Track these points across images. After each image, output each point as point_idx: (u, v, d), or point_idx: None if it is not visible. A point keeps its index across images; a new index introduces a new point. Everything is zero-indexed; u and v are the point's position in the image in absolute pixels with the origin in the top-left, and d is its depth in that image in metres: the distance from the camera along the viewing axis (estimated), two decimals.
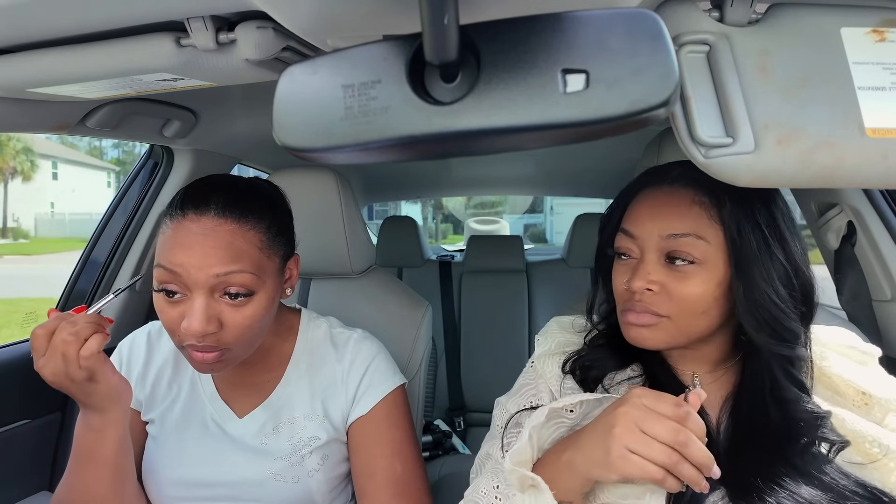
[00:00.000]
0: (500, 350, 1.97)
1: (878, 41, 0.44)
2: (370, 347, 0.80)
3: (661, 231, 0.59)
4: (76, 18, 0.45)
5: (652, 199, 0.61)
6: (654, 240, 0.59)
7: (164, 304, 0.65)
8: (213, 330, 0.63)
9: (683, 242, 0.58)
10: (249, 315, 0.66)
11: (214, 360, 0.65)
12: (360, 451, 0.75)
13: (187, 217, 0.64)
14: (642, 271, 0.59)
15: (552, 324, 0.74)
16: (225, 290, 0.64)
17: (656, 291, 0.58)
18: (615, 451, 0.48)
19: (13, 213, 24.08)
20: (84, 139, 25.61)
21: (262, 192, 0.71)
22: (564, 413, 0.61)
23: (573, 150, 1.68)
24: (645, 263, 0.59)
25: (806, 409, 0.57)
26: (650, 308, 0.59)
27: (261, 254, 0.67)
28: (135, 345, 0.81)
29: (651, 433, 0.47)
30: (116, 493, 0.68)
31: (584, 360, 0.66)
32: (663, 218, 0.59)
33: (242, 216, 0.65)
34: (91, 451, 0.66)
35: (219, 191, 0.66)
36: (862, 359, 0.63)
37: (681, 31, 0.44)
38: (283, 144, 0.29)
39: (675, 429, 0.47)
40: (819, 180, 0.43)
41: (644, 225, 0.60)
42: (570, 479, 0.53)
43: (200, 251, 0.63)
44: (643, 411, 0.48)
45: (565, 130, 0.27)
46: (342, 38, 0.43)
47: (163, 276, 0.64)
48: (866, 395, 0.59)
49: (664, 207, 0.60)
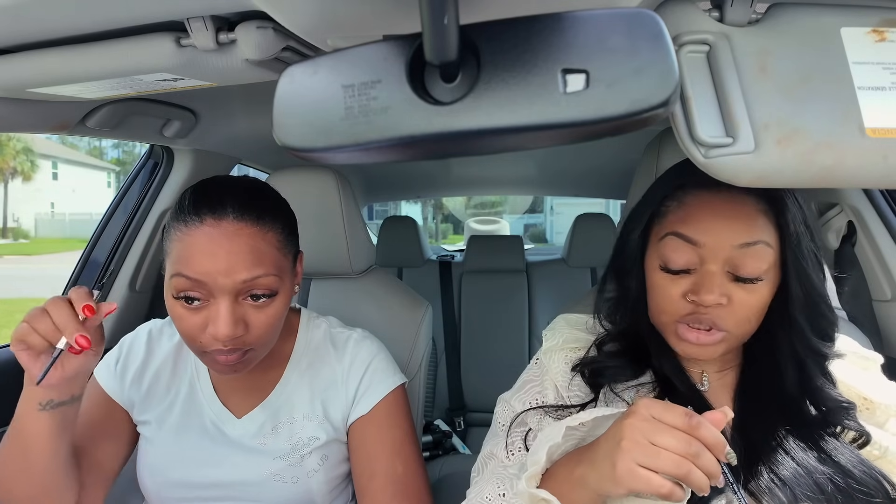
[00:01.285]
0: (500, 350, 1.97)
1: (878, 41, 0.44)
2: (370, 347, 0.80)
3: (734, 240, 0.55)
4: (76, 18, 0.45)
5: (715, 205, 0.56)
6: (724, 249, 0.55)
7: (183, 311, 0.64)
8: (241, 333, 0.63)
9: (755, 251, 0.55)
10: (273, 314, 0.66)
11: (238, 361, 0.65)
12: (360, 451, 0.75)
13: (205, 222, 0.63)
14: (711, 283, 0.55)
15: (559, 320, 0.73)
16: (250, 292, 0.64)
17: (725, 304, 0.55)
18: (622, 465, 0.46)
19: (13, 214, 24.09)
20: (84, 139, 25.63)
21: (269, 191, 0.72)
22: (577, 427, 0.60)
23: (573, 150, 1.68)
24: (712, 275, 0.56)
25: (834, 398, 0.58)
26: (717, 322, 0.56)
27: (279, 254, 0.67)
28: (136, 342, 0.81)
29: (661, 444, 0.46)
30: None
31: (597, 366, 0.65)
32: (735, 225, 0.55)
33: (260, 218, 0.65)
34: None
35: (232, 193, 0.65)
36: (864, 365, 0.64)
37: (681, 31, 0.44)
38: (283, 144, 0.29)
39: (687, 439, 0.45)
40: (819, 180, 0.43)
41: (714, 233, 0.56)
42: (582, 496, 0.52)
43: (226, 257, 0.62)
44: (651, 423, 0.47)
45: (565, 130, 0.27)
46: (342, 38, 0.43)
47: (184, 285, 0.62)
48: (868, 401, 0.60)
49: (733, 213, 0.56)
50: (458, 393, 1.98)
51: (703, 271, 0.56)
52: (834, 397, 0.58)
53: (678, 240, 0.57)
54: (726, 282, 0.56)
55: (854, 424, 0.57)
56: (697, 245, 0.56)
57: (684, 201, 0.59)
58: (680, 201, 0.59)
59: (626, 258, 0.64)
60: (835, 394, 0.58)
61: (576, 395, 0.64)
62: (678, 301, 0.58)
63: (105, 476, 0.75)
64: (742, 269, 0.55)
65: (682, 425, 0.46)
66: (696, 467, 0.45)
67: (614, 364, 0.64)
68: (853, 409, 0.57)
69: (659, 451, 0.45)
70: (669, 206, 0.60)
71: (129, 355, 0.79)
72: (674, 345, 0.60)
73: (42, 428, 0.63)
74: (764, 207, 0.56)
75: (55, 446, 0.64)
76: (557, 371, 0.66)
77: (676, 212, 0.59)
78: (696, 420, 0.46)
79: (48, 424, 0.63)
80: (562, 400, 0.65)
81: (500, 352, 1.97)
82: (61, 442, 0.65)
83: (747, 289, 0.56)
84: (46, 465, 0.65)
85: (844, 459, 0.54)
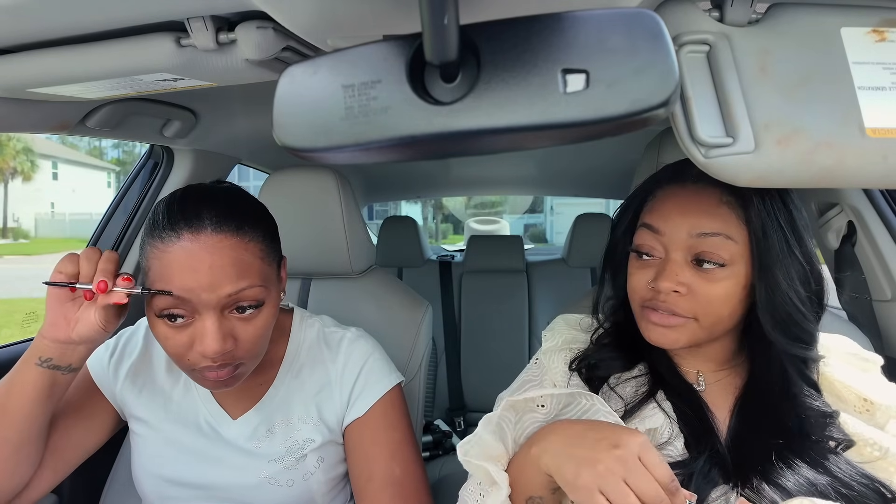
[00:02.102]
0: (500, 350, 1.97)
1: (878, 41, 0.44)
2: (364, 347, 0.79)
3: (691, 229, 0.57)
4: (76, 18, 0.45)
5: (679, 197, 0.60)
6: (682, 238, 0.58)
7: (167, 330, 0.62)
8: (230, 347, 0.62)
9: (712, 242, 0.56)
10: (261, 325, 0.65)
11: (229, 376, 0.64)
12: (357, 453, 0.75)
13: (182, 237, 0.60)
14: (669, 271, 0.58)
15: (559, 320, 0.73)
16: (235, 305, 0.63)
17: (683, 293, 0.57)
18: (585, 482, 0.47)
19: (13, 214, 24.09)
20: (84, 139, 25.63)
21: (247, 199, 0.69)
22: (537, 409, 0.61)
23: (574, 150, 1.68)
24: (672, 263, 0.58)
25: (814, 407, 0.57)
26: (675, 309, 0.58)
27: (262, 263, 0.65)
28: (134, 337, 0.80)
29: (634, 487, 0.46)
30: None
31: (590, 359, 0.66)
32: (693, 215, 0.58)
33: (239, 228, 0.62)
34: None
35: (207, 203, 0.62)
36: (864, 366, 0.63)
37: (681, 31, 0.44)
38: (283, 144, 0.29)
39: (660, 496, 0.45)
40: (819, 180, 0.43)
41: (673, 222, 0.59)
42: (536, 475, 0.53)
43: (208, 272, 0.59)
44: (636, 465, 0.47)
45: (565, 130, 0.27)
46: (342, 38, 0.43)
47: (166, 303, 0.60)
48: (868, 402, 0.59)
49: (693, 205, 0.58)
50: (458, 393, 1.98)
51: (665, 259, 0.59)
52: (813, 406, 0.57)
53: (645, 229, 0.61)
54: (686, 271, 0.58)
55: (836, 434, 0.56)
56: (659, 233, 0.59)
57: (656, 195, 0.62)
58: (653, 195, 0.63)
59: (614, 253, 0.67)
60: (816, 402, 0.58)
61: None
62: (644, 287, 0.60)
63: (62, 463, 0.72)
64: (701, 257, 0.57)
65: (663, 479, 0.46)
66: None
67: (605, 355, 0.66)
68: (835, 416, 0.57)
69: (628, 493, 0.45)
70: (648, 202, 0.64)
71: (126, 350, 0.79)
72: (643, 330, 0.61)
73: (30, 380, 0.63)
74: (728, 199, 0.57)
75: (34, 409, 0.64)
76: (557, 371, 0.66)
77: (649, 204, 0.63)
78: (675, 485, 0.47)
79: (38, 381, 0.63)
80: None
81: (500, 352, 1.97)
82: (41, 408, 0.64)
83: (707, 277, 0.57)
84: (19, 425, 0.64)
85: (843, 473, 0.53)
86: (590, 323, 0.72)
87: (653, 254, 0.60)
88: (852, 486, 0.52)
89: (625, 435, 0.49)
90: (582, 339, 0.70)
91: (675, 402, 0.61)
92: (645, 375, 0.65)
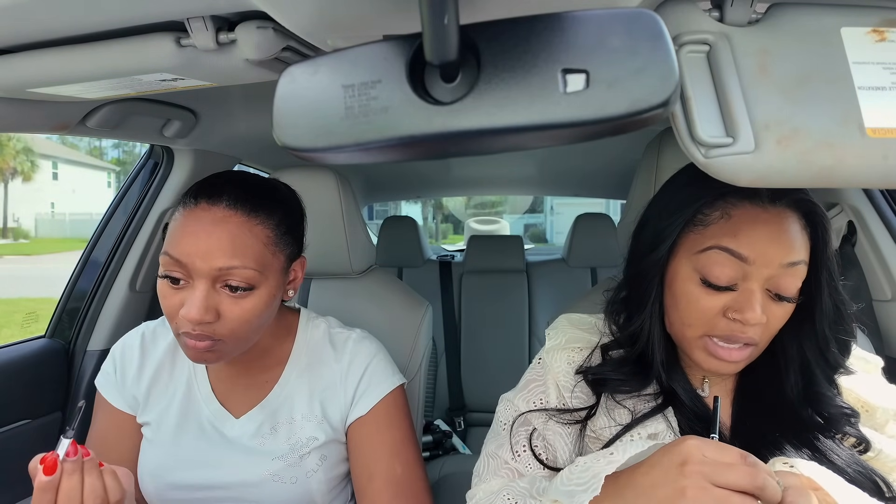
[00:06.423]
0: (500, 350, 1.97)
1: (878, 41, 0.44)
2: (369, 347, 0.80)
3: (782, 259, 0.53)
4: (76, 18, 0.45)
5: (766, 222, 0.54)
6: (772, 268, 0.53)
7: (167, 289, 0.66)
8: (210, 320, 0.64)
9: (794, 271, 0.54)
10: (248, 309, 0.66)
11: (206, 350, 0.65)
12: (359, 452, 0.75)
13: (199, 206, 0.65)
14: (754, 302, 0.53)
15: (562, 319, 0.73)
16: (226, 282, 0.65)
17: (763, 324, 0.54)
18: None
19: (13, 214, 24.09)
20: (84, 139, 25.63)
21: (277, 190, 0.72)
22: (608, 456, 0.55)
23: (574, 150, 1.68)
24: (755, 293, 0.54)
25: (836, 405, 0.58)
26: (749, 341, 0.55)
27: (265, 250, 0.67)
28: (127, 347, 0.80)
29: (726, 484, 0.42)
30: None
31: (604, 374, 0.63)
32: (782, 245, 0.53)
33: (253, 210, 0.66)
34: None
35: (233, 184, 0.67)
36: (865, 368, 0.64)
37: (681, 31, 0.44)
38: (283, 144, 0.29)
39: (752, 473, 0.42)
40: (819, 180, 0.43)
41: (764, 251, 0.53)
42: None
43: (206, 241, 0.63)
44: (711, 465, 0.43)
45: (565, 130, 0.27)
46: (342, 38, 0.43)
47: (167, 263, 0.65)
48: (867, 403, 0.60)
49: (784, 233, 0.54)
50: (458, 393, 1.98)
51: (745, 289, 0.54)
52: (837, 404, 0.58)
53: (725, 254, 0.54)
54: (766, 299, 0.55)
55: (854, 431, 0.57)
56: (746, 262, 0.54)
57: (731, 214, 0.55)
58: (725, 213, 0.56)
59: (648, 264, 0.60)
60: (839, 401, 0.59)
61: (577, 398, 0.64)
62: (715, 317, 0.55)
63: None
64: (782, 289, 0.54)
65: (740, 461, 0.44)
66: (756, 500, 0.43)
67: (617, 377, 0.62)
68: (856, 417, 0.58)
69: (726, 493, 0.42)
70: (711, 216, 0.56)
71: (124, 361, 0.79)
72: (699, 359, 0.58)
73: None
74: (804, 224, 0.55)
75: None
76: (559, 371, 0.66)
77: (722, 224, 0.55)
78: (752, 458, 0.44)
79: None
80: (563, 401, 0.65)
81: (500, 352, 1.97)
82: None
83: (782, 306, 0.55)
84: None
85: (840, 460, 0.54)
86: (592, 322, 0.71)
87: (733, 283, 0.55)
88: (846, 471, 0.53)
89: (679, 449, 0.46)
90: (585, 338, 0.69)
91: (685, 418, 0.60)
92: (656, 394, 0.62)
